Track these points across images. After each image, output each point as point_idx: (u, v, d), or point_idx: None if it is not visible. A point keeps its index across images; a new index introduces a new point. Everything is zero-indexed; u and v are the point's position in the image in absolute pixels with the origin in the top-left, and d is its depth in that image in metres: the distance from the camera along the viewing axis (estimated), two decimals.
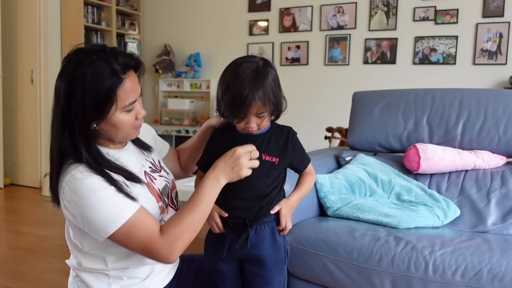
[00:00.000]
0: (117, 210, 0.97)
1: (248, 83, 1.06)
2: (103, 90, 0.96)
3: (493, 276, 1.22)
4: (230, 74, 1.09)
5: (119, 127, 1.02)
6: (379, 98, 2.10)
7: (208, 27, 4.88)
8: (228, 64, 1.14)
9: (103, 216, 0.96)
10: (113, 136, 1.05)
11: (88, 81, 0.95)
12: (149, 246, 0.99)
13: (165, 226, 1.02)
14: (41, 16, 4.29)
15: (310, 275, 1.51)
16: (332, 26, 4.28)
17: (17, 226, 3.15)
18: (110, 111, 0.98)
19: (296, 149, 1.23)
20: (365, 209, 1.62)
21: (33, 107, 4.38)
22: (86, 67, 0.96)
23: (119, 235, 0.98)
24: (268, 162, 1.15)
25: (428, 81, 3.90)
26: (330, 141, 3.50)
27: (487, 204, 1.68)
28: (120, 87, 0.98)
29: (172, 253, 1.00)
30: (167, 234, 1.00)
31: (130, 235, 0.98)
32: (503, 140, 1.84)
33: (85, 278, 1.10)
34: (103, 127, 1.02)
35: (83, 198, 0.96)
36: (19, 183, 4.54)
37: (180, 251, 1.02)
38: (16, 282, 2.19)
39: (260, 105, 1.08)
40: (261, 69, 1.11)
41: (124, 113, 1.01)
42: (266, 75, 1.10)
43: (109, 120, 1.00)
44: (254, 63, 1.11)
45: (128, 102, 1.00)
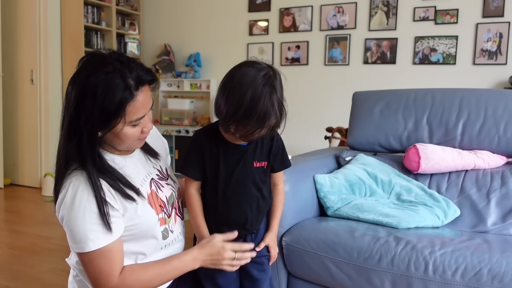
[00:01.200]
0: (93, 236, 0.98)
1: (268, 99, 1.01)
2: (113, 104, 0.95)
3: (493, 276, 1.22)
4: (243, 87, 1.01)
5: (123, 139, 1.03)
6: (379, 98, 2.10)
7: (208, 27, 4.88)
8: (234, 73, 1.06)
9: (79, 233, 0.98)
10: (116, 145, 1.06)
11: (99, 93, 0.94)
12: (100, 280, 1.00)
13: (129, 270, 1.03)
14: (41, 16, 4.29)
15: (310, 275, 1.51)
16: (332, 26, 4.28)
17: (17, 226, 3.15)
18: (117, 125, 0.99)
19: (281, 152, 1.23)
20: (365, 209, 1.62)
21: (33, 107, 4.38)
22: (100, 77, 0.95)
23: (83, 257, 1.00)
24: (260, 168, 1.17)
25: (428, 81, 3.90)
26: (330, 141, 3.50)
27: (487, 204, 1.68)
28: (131, 103, 0.97)
29: None
30: (126, 278, 1.02)
31: (91, 262, 1.00)
32: (503, 140, 1.84)
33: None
34: (108, 136, 1.03)
35: (71, 208, 0.98)
36: (19, 183, 4.54)
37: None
38: (16, 282, 2.19)
39: (275, 120, 1.05)
40: (275, 81, 1.06)
41: (131, 127, 1.01)
42: (280, 88, 1.07)
43: (114, 132, 1.00)
44: (265, 74, 1.04)
45: (135, 118, 1.00)
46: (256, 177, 1.15)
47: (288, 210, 1.56)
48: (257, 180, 1.15)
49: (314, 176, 1.75)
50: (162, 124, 4.95)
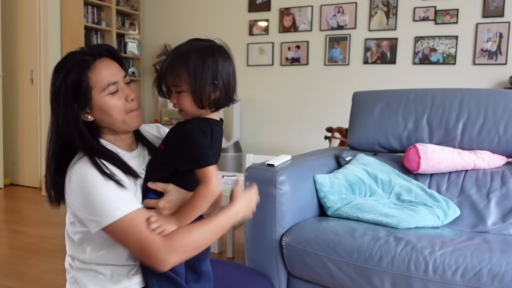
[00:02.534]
0: (120, 203, 0.98)
1: (176, 54, 1.04)
2: (75, 77, 1.00)
3: (493, 276, 1.22)
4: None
5: (109, 111, 1.03)
6: (379, 98, 2.10)
7: (208, 27, 4.88)
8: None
9: (104, 203, 0.96)
10: (111, 122, 1.06)
11: (63, 75, 1.00)
12: (146, 245, 0.97)
13: (174, 233, 1.00)
14: (41, 16, 4.29)
15: (310, 275, 1.51)
16: (332, 26, 4.28)
17: (17, 226, 3.15)
18: (93, 97, 1.01)
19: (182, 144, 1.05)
20: (365, 209, 1.62)
21: (33, 107, 4.38)
22: (61, 65, 1.02)
23: (116, 228, 0.97)
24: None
25: (428, 81, 3.90)
26: (330, 141, 3.50)
27: (487, 204, 1.68)
28: (91, 70, 1.01)
29: (168, 259, 0.97)
30: (172, 240, 0.98)
31: (127, 232, 0.97)
32: (503, 140, 1.84)
33: (77, 277, 1.11)
34: (97, 116, 1.04)
35: (88, 184, 0.97)
36: (19, 183, 4.54)
37: (176, 261, 1.00)
38: (16, 282, 2.19)
39: (177, 78, 1.02)
40: (206, 48, 1.07)
41: (109, 96, 1.03)
42: (202, 54, 1.04)
43: (95, 106, 1.02)
44: (207, 43, 1.10)
45: (106, 83, 1.02)
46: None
47: (288, 210, 1.57)
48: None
49: (314, 176, 1.75)
50: (162, 124, 4.95)
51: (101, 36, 4.86)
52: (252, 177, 1.59)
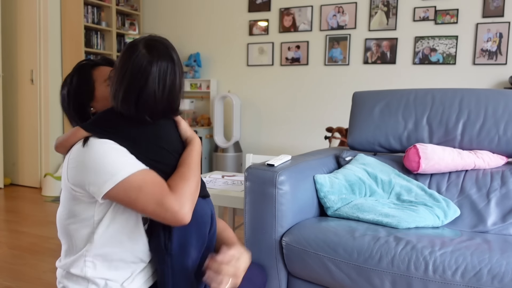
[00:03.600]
0: (128, 162, 1.02)
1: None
2: (82, 75, 1.18)
3: (493, 276, 1.22)
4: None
5: (107, 97, 1.13)
6: (379, 98, 2.10)
7: (208, 27, 4.88)
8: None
9: (112, 163, 1.00)
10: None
11: (72, 76, 1.19)
12: (162, 198, 0.99)
13: (171, 182, 1.04)
14: (41, 16, 4.29)
15: (310, 275, 1.51)
16: (332, 26, 4.28)
17: (17, 226, 3.15)
18: (95, 88, 1.17)
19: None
20: (365, 209, 1.62)
21: (33, 107, 4.38)
22: (71, 72, 1.21)
23: (128, 186, 0.99)
24: None
25: (428, 81, 3.90)
26: (330, 141, 3.50)
27: (487, 204, 1.68)
28: (94, 69, 1.19)
29: (184, 207, 1.00)
30: (176, 188, 1.02)
31: (143, 187, 0.99)
32: (503, 140, 1.84)
33: (67, 286, 1.12)
34: (99, 107, 1.17)
35: (92, 149, 1.02)
36: (19, 183, 4.54)
37: (190, 208, 1.02)
38: (16, 282, 2.19)
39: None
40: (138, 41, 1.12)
41: (108, 88, 1.14)
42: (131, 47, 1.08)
43: (97, 96, 1.17)
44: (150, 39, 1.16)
45: (107, 75, 1.17)
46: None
47: (288, 210, 1.57)
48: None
49: (314, 176, 1.75)
50: None
51: (101, 36, 4.86)
52: (252, 177, 1.59)
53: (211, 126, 4.79)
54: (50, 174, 4.15)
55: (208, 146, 4.76)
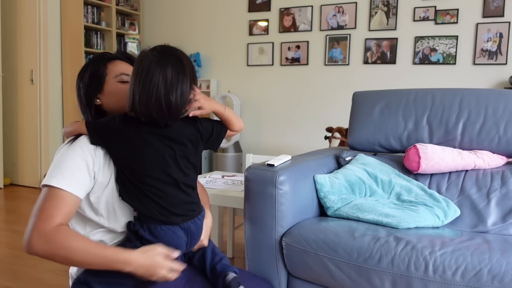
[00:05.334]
0: (66, 175, 1.04)
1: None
2: (96, 65, 1.21)
3: (493, 276, 1.22)
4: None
5: (116, 95, 1.18)
6: (379, 98, 2.10)
7: (208, 27, 4.88)
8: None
9: (57, 169, 1.05)
10: (115, 108, 1.19)
11: (89, 63, 1.22)
12: (37, 221, 1.01)
13: (63, 229, 1.02)
14: (41, 16, 4.29)
15: (310, 275, 1.51)
16: (332, 26, 4.28)
17: (17, 226, 3.15)
18: (105, 81, 1.18)
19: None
20: (365, 209, 1.62)
21: (33, 107, 4.38)
22: (90, 59, 1.24)
23: (45, 190, 1.05)
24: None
25: (428, 81, 3.90)
26: (330, 141, 3.50)
27: (487, 204, 1.68)
28: (110, 62, 1.21)
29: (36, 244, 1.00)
30: (56, 233, 1.00)
31: (45, 200, 1.03)
32: (503, 140, 1.84)
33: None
34: (104, 100, 1.19)
35: (63, 149, 1.09)
36: (19, 183, 4.54)
37: (39, 253, 1.01)
38: (16, 282, 2.19)
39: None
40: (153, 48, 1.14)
41: (120, 83, 1.19)
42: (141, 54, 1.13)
43: (106, 90, 1.18)
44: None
45: (120, 72, 1.20)
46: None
47: (288, 210, 1.56)
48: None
49: (314, 176, 1.75)
50: None
51: (101, 36, 4.86)
52: (252, 177, 1.59)
53: None
54: None
55: None
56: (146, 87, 1.05)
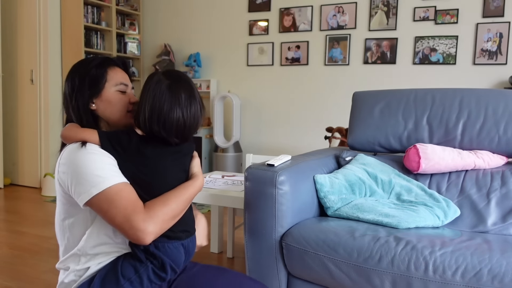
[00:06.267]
0: (108, 174, 1.04)
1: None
2: (98, 68, 1.17)
3: (493, 276, 1.22)
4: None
5: (114, 104, 1.17)
6: (379, 98, 2.10)
7: (208, 27, 4.88)
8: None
9: (93, 175, 1.03)
10: (110, 116, 1.18)
11: (87, 65, 1.17)
12: (131, 214, 1.02)
13: (150, 203, 1.07)
14: (41, 16, 4.29)
15: (310, 275, 1.51)
16: (332, 26, 4.28)
17: (17, 226, 3.15)
18: (104, 87, 1.16)
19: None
20: (365, 209, 1.62)
21: (33, 107, 4.38)
22: (88, 59, 1.20)
23: (103, 199, 1.03)
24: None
25: (428, 81, 3.90)
26: (330, 141, 3.50)
27: (487, 204, 1.68)
28: (111, 68, 1.19)
29: (149, 227, 1.03)
30: (150, 209, 1.05)
31: (114, 201, 1.03)
32: (503, 140, 1.84)
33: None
34: (100, 107, 1.17)
35: (80, 157, 1.05)
36: (19, 183, 4.54)
37: (156, 230, 1.05)
38: (16, 282, 2.19)
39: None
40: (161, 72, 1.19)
41: (118, 93, 1.18)
42: (155, 75, 1.17)
43: (103, 96, 1.16)
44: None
45: (119, 81, 1.19)
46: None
47: (288, 210, 1.57)
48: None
49: (314, 176, 1.75)
50: None
51: (101, 36, 4.86)
52: (252, 177, 1.59)
53: (211, 126, 4.79)
54: (50, 174, 4.15)
55: (208, 146, 4.76)
56: (162, 109, 1.10)
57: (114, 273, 1.10)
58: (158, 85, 1.12)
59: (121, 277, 1.09)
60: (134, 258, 1.12)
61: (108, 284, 1.08)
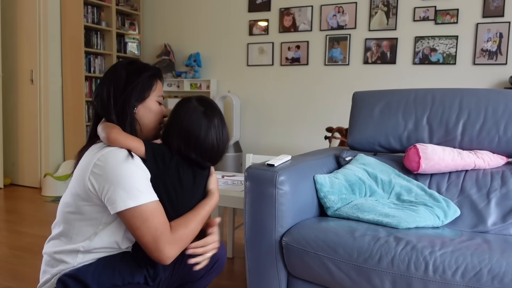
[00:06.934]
0: (147, 190, 1.08)
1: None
2: (151, 76, 1.25)
3: (493, 276, 1.22)
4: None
5: (153, 111, 1.24)
6: (379, 98, 2.10)
7: (208, 27, 4.88)
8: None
9: (133, 188, 1.05)
10: (147, 123, 1.23)
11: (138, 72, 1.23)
12: (160, 236, 1.06)
13: (175, 225, 1.11)
14: (41, 16, 4.29)
15: (310, 275, 1.51)
16: (332, 26, 4.28)
17: (17, 226, 3.15)
18: (149, 96, 1.23)
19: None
20: (365, 209, 1.62)
21: (33, 107, 4.38)
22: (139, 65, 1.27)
23: (137, 214, 1.05)
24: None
25: (428, 81, 3.90)
26: (330, 141, 3.50)
27: (487, 204, 1.68)
28: (157, 80, 1.27)
29: (173, 251, 1.09)
30: (175, 232, 1.10)
31: (148, 219, 1.06)
32: (503, 140, 1.84)
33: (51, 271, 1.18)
34: (141, 113, 1.21)
35: (125, 166, 1.07)
36: (19, 183, 4.54)
37: (177, 253, 1.10)
38: (16, 282, 2.19)
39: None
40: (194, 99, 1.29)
41: (157, 103, 1.25)
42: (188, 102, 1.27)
43: (146, 104, 1.22)
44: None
45: (160, 94, 1.27)
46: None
47: (288, 210, 1.57)
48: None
49: (314, 176, 1.75)
50: (162, 123, 4.95)
51: (101, 36, 4.86)
52: (252, 177, 1.59)
53: None
54: (50, 174, 4.14)
55: None
56: (199, 135, 1.18)
57: (112, 267, 1.12)
58: (195, 112, 1.20)
59: (117, 273, 1.12)
60: (134, 260, 1.14)
61: (104, 275, 1.11)
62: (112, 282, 1.11)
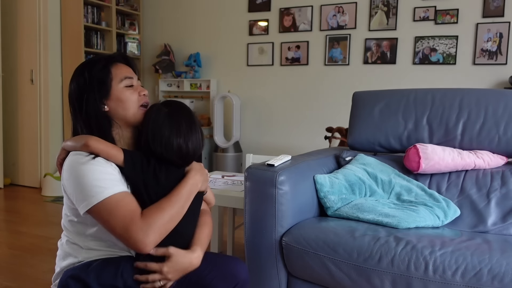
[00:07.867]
0: (108, 184, 1.05)
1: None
2: (101, 68, 1.17)
3: (493, 276, 1.22)
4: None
5: (124, 101, 1.17)
6: (379, 98, 2.10)
7: (208, 27, 4.88)
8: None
9: (93, 185, 1.04)
10: (123, 114, 1.17)
11: (89, 68, 1.17)
12: (129, 224, 1.03)
13: (146, 211, 1.07)
14: (41, 16, 4.29)
15: (310, 275, 1.51)
16: (332, 26, 4.28)
17: (17, 226, 3.15)
18: (111, 86, 1.16)
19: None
20: (365, 209, 1.62)
21: (33, 107, 4.38)
22: (86, 62, 1.20)
23: (102, 208, 1.04)
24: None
25: (428, 81, 3.90)
26: (330, 141, 3.50)
27: (487, 204, 1.68)
28: (113, 65, 1.18)
29: (148, 237, 1.03)
30: (147, 217, 1.05)
31: (113, 211, 1.03)
32: (503, 140, 1.84)
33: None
34: (112, 106, 1.16)
35: (82, 166, 1.05)
36: (19, 183, 4.54)
37: (155, 239, 1.05)
38: (16, 282, 2.19)
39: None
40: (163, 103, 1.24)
41: (125, 89, 1.18)
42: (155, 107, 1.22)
43: (113, 95, 1.16)
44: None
45: (124, 76, 1.18)
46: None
47: (288, 210, 1.57)
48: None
49: (314, 176, 1.75)
50: None
51: (101, 36, 4.86)
52: (252, 177, 1.59)
53: (211, 126, 4.79)
54: (50, 174, 4.14)
55: (208, 146, 4.76)
56: (163, 135, 1.14)
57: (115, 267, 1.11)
58: (158, 113, 1.17)
59: (119, 275, 1.11)
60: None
61: (106, 274, 1.10)
62: (113, 284, 1.11)
